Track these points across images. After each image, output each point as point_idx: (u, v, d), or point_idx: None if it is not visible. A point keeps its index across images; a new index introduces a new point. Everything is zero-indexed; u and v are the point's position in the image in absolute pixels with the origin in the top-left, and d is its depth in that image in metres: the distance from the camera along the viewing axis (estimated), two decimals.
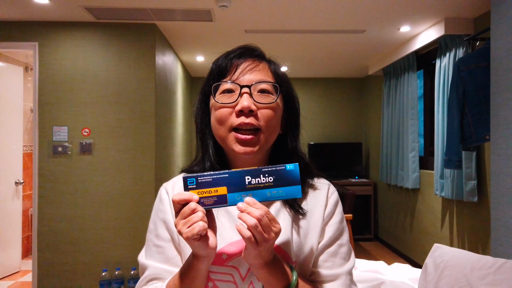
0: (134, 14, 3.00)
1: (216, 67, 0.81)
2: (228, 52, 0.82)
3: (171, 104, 4.03)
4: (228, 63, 0.80)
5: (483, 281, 1.47)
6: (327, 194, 0.85)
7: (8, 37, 3.16)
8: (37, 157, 3.14)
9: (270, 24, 3.32)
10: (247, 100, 0.75)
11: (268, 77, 0.80)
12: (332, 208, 0.84)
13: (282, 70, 0.86)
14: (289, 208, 0.81)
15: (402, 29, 3.44)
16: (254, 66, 0.79)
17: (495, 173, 2.18)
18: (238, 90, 0.77)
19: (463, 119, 2.68)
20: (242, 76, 0.78)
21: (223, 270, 0.75)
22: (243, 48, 0.82)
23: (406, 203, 4.28)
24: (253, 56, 0.81)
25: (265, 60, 0.84)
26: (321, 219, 0.82)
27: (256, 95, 0.77)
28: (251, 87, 0.77)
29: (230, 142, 0.77)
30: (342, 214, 0.86)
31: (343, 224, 0.85)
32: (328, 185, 0.87)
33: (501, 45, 2.13)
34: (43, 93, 3.15)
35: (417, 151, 3.91)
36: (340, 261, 0.81)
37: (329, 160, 5.46)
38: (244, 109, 0.75)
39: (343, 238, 0.83)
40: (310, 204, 0.83)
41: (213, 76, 0.81)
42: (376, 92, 5.28)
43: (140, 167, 3.20)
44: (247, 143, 0.76)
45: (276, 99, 0.78)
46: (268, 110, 0.77)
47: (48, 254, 3.13)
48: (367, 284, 1.91)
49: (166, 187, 0.86)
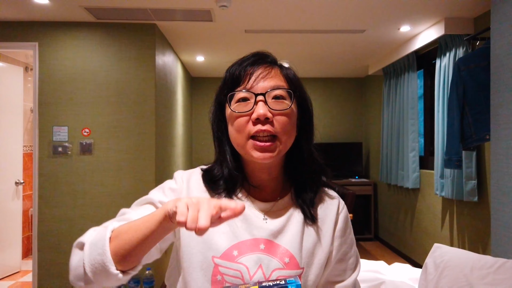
0: (134, 14, 3.00)
1: (230, 75, 0.82)
2: (242, 59, 0.83)
3: (171, 104, 4.03)
4: (242, 71, 0.81)
5: (483, 281, 1.47)
6: (337, 209, 0.88)
7: (8, 37, 3.15)
8: (37, 157, 3.14)
9: (270, 24, 3.32)
10: (262, 108, 0.77)
11: (281, 83, 0.81)
12: (343, 224, 0.87)
13: (294, 74, 0.87)
14: (301, 214, 0.84)
15: (402, 29, 3.44)
16: (267, 73, 0.80)
17: (495, 172, 2.18)
18: (253, 98, 0.78)
19: (463, 119, 2.68)
20: (256, 84, 0.79)
21: (233, 266, 0.77)
22: (256, 56, 0.83)
23: (406, 203, 4.28)
24: (265, 63, 0.83)
25: (277, 65, 0.85)
26: (331, 233, 0.85)
27: (271, 102, 0.78)
28: (265, 95, 0.78)
29: (249, 149, 0.78)
30: (351, 228, 0.90)
31: (352, 236, 0.89)
32: (338, 199, 0.90)
33: (501, 45, 2.13)
34: (43, 93, 3.15)
35: (417, 151, 3.91)
36: (348, 272, 0.86)
37: (329, 160, 5.43)
38: (260, 117, 0.76)
39: (351, 250, 0.88)
40: (321, 214, 0.86)
41: (228, 85, 0.82)
42: (376, 92, 5.28)
43: (140, 167, 3.20)
44: (266, 150, 0.77)
45: (290, 105, 0.80)
46: (283, 116, 0.79)
47: (48, 254, 3.13)
48: (367, 284, 1.91)
49: (182, 175, 0.87)
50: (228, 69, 0.84)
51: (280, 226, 0.81)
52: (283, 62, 0.86)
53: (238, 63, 0.83)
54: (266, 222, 0.81)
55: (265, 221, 0.82)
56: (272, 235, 0.80)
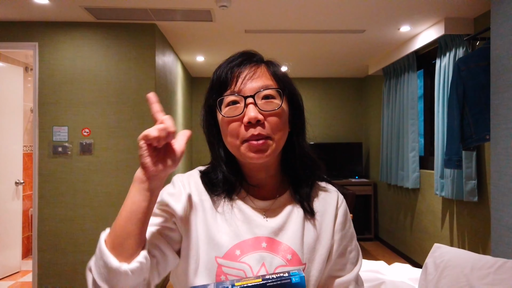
0: (134, 14, 3.00)
1: (217, 78, 0.82)
2: (228, 60, 0.82)
3: (171, 104, 4.03)
4: (229, 73, 0.80)
5: (483, 281, 1.47)
6: (336, 203, 0.88)
7: (8, 37, 3.16)
8: (37, 157, 3.14)
9: (270, 24, 3.32)
10: (253, 111, 0.76)
11: (269, 82, 0.80)
12: (343, 218, 0.87)
13: (282, 70, 0.86)
14: (301, 209, 0.84)
15: (402, 29, 3.44)
16: (253, 73, 0.80)
17: (495, 173, 2.18)
18: (243, 101, 0.78)
19: (463, 119, 2.68)
20: (244, 86, 0.78)
21: (236, 265, 0.77)
22: (242, 56, 0.82)
23: (406, 203, 4.28)
24: (251, 62, 0.82)
25: (263, 62, 0.84)
26: (331, 227, 0.85)
27: (260, 103, 0.78)
28: (254, 96, 0.78)
29: (244, 152, 0.78)
30: (351, 221, 0.90)
31: (352, 230, 0.89)
32: (337, 193, 0.90)
33: (501, 45, 2.13)
34: (43, 93, 3.15)
35: (417, 151, 3.91)
36: (349, 266, 0.86)
37: (329, 160, 5.43)
38: (251, 120, 0.76)
39: (352, 244, 0.87)
40: (320, 208, 0.86)
41: (216, 89, 0.82)
42: (376, 92, 5.28)
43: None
44: (260, 149, 0.77)
45: (280, 104, 0.79)
46: (274, 117, 0.78)
47: (48, 254, 3.13)
48: (367, 284, 1.91)
49: (182, 178, 0.88)
50: (215, 72, 0.83)
51: (280, 224, 0.81)
52: (282, 66, 0.86)
53: (224, 64, 0.82)
54: (267, 220, 0.82)
55: (266, 219, 0.82)
56: (273, 232, 0.80)
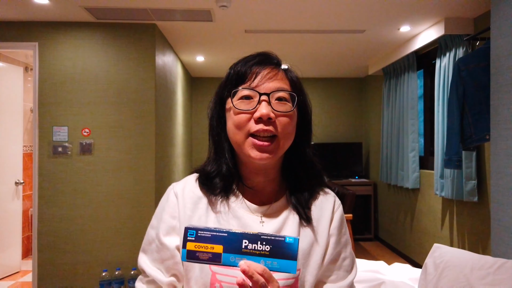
0: (134, 14, 3.00)
1: (234, 72, 0.82)
2: (247, 58, 0.83)
3: (171, 104, 4.03)
4: (248, 69, 0.80)
5: (483, 281, 1.47)
6: (333, 208, 0.87)
7: (8, 37, 3.16)
8: (37, 157, 3.14)
9: (270, 24, 3.32)
10: (266, 108, 0.76)
11: (285, 85, 0.81)
12: (338, 223, 0.87)
13: (297, 78, 0.86)
14: (297, 215, 0.83)
15: (402, 29, 3.44)
16: (274, 74, 0.80)
17: (495, 173, 2.18)
18: (257, 97, 0.78)
19: (463, 119, 2.68)
20: (262, 84, 0.79)
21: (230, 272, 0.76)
22: (262, 55, 0.83)
23: (406, 203, 4.28)
24: (271, 64, 0.82)
25: (282, 68, 0.84)
26: (327, 232, 0.84)
27: (274, 103, 0.78)
28: (269, 95, 0.78)
29: (247, 147, 0.78)
30: (346, 228, 0.89)
31: (347, 236, 0.88)
32: (334, 198, 0.90)
33: (501, 45, 2.13)
34: (43, 93, 3.15)
35: (417, 151, 3.91)
36: (343, 273, 0.84)
37: (329, 160, 5.45)
38: (263, 117, 0.76)
39: (346, 250, 0.86)
40: (317, 214, 0.85)
41: (232, 82, 0.82)
42: (376, 92, 5.28)
43: (140, 167, 3.20)
44: (264, 150, 0.77)
45: (293, 108, 0.80)
46: (285, 118, 0.79)
47: (48, 254, 3.13)
48: (367, 284, 1.91)
49: (176, 189, 0.85)
50: (232, 67, 0.83)
51: (276, 229, 0.81)
52: (283, 65, 0.86)
53: (243, 61, 0.83)
54: (263, 226, 0.81)
55: (262, 224, 0.81)
56: None
